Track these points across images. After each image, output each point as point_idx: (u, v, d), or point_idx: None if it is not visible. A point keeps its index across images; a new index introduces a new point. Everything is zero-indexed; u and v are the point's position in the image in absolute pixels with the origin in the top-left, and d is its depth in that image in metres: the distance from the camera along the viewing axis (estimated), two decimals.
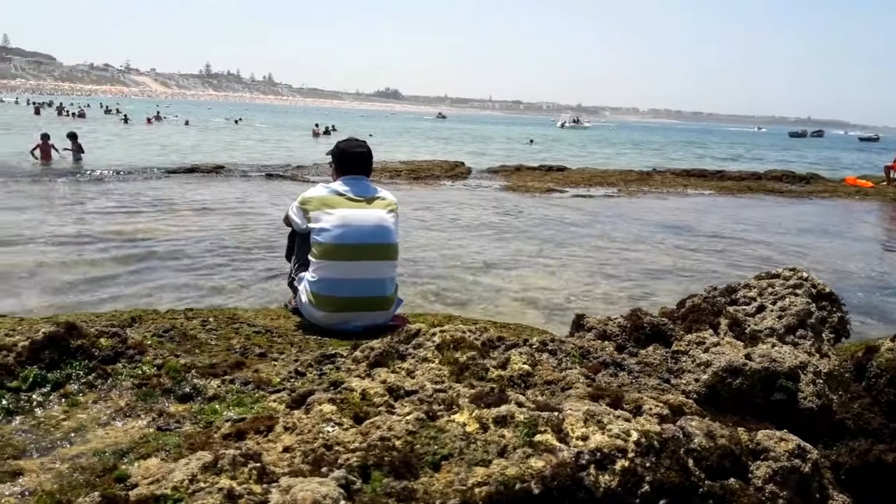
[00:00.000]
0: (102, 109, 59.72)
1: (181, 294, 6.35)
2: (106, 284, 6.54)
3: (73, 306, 5.67)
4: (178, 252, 8.05)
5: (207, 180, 16.20)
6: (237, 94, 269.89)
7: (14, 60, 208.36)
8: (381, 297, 4.23)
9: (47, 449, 1.86)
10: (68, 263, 7.23)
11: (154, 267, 7.35)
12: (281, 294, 6.27)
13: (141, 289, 6.48)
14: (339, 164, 4.49)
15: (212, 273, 7.19)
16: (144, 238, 8.75)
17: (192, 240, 8.81)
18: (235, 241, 8.84)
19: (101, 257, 7.62)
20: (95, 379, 2.20)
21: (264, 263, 7.67)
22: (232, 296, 6.38)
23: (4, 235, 8.43)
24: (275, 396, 2.10)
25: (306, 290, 4.23)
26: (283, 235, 9.19)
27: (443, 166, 20.71)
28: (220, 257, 7.93)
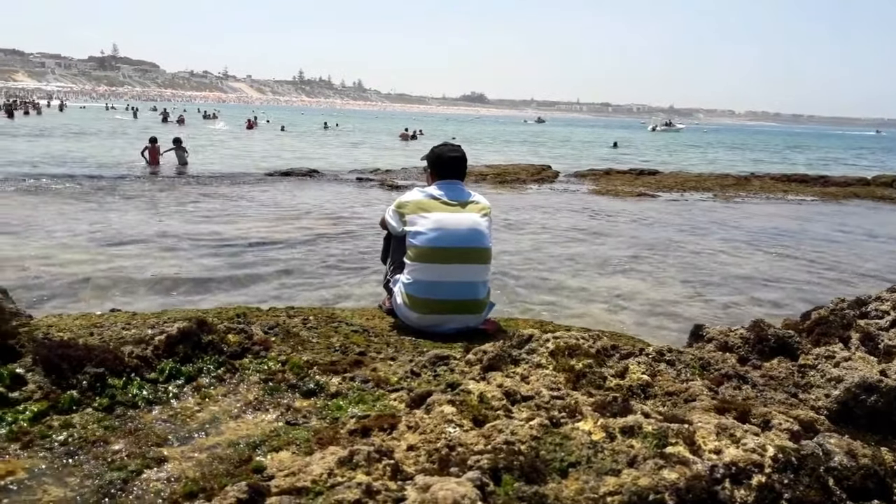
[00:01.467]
0: (201, 115, 62.56)
1: (280, 292, 6.56)
2: (208, 283, 6.84)
3: (178, 303, 5.97)
4: (275, 252, 8.34)
5: (302, 184, 16.70)
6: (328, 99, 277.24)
7: (122, 69, 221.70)
8: (474, 300, 4.23)
9: (186, 438, 1.96)
10: (173, 262, 7.61)
11: (253, 266, 7.64)
12: (374, 295, 6.39)
13: (241, 287, 6.74)
14: (434, 169, 4.53)
15: (307, 272, 7.40)
16: (243, 238, 9.12)
17: (288, 240, 9.10)
18: (329, 242, 9.08)
19: (203, 256, 7.97)
20: (224, 373, 2.31)
21: (357, 264, 7.85)
22: (327, 295, 6.54)
23: (114, 235, 8.97)
24: (395, 395, 2.14)
25: (401, 291, 4.28)
26: (375, 237, 9.47)
27: (529, 170, 20.57)
28: (315, 257, 8.16)
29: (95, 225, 9.73)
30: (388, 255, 4.70)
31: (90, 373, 2.08)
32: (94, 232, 9.17)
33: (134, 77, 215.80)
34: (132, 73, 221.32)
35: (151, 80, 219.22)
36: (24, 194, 12.58)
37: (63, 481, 1.71)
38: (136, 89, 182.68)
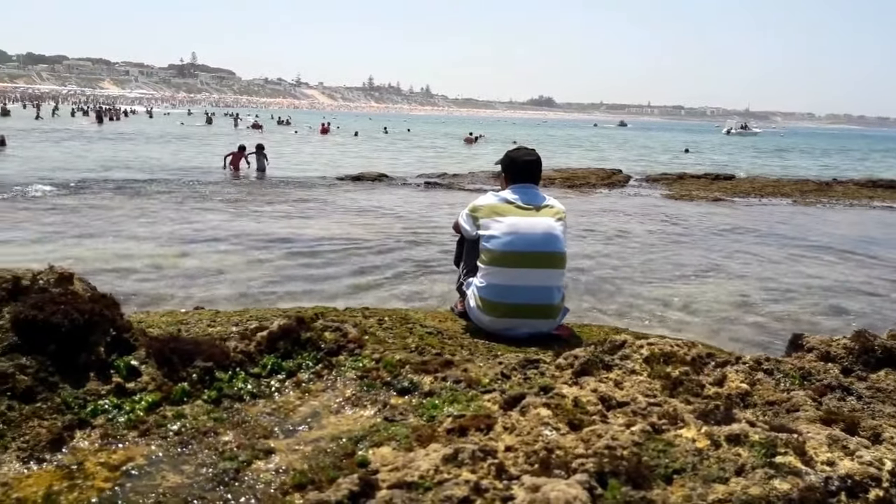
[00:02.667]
0: (275, 121, 64.25)
1: (351, 293, 6.69)
2: (283, 281, 7.04)
3: (254, 301, 6.17)
4: (346, 253, 8.52)
5: (372, 188, 16.98)
6: (396, 105, 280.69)
7: (200, 76, 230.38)
8: (548, 305, 4.20)
9: (290, 431, 2.04)
10: (251, 262, 7.87)
11: (325, 266, 7.82)
12: (442, 297, 6.45)
13: (314, 286, 6.90)
14: (508, 173, 4.53)
15: (378, 274, 7.52)
16: (317, 239, 9.35)
17: (359, 242, 9.28)
18: (398, 245, 9.20)
19: (278, 256, 8.21)
20: (322, 369, 2.39)
21: (426, 266, 7.93)
22: (398, 297, 6.63)
23: (197, 236, 9.34)
24: (488, 397, 2.16)
25: (474, 294, 4.29)
26: (443, 240, 9.55)
27: (598, 174, 20.29)
28: (385, 259, 8.29)
29: (176, 225, 10.18)
30: (462, 258, 4.73)
31: (199, 366, 2.19)
32: (175, 232, 9.59)
33: (211, 84, 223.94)
34: (210, 80, 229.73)
35: (228, 87, 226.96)
36: (111, 196, 13.23)
37: (179, 469, 1.81)
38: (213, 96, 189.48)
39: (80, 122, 52.10)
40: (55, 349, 2.02)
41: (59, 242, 8.66)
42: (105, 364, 2.10)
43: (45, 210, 11.12)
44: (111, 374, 2.09)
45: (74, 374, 2.03)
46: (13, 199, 12.19)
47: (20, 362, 1.94)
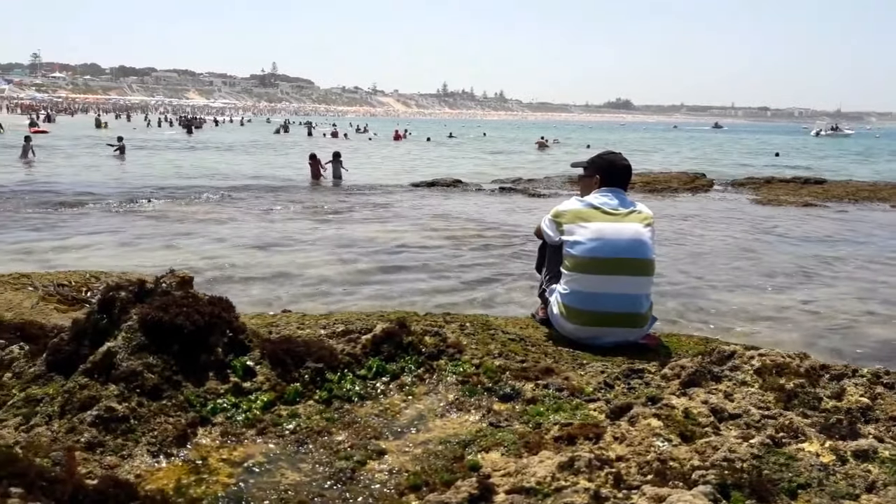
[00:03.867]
0: (354, 128, 65.57)
1: (429, 297, 6.73)
2: (363, 286, 7.16)
3: (334, 304, 6.30)
4: (423, 258, 8.60)
5: (447, 193, 17.08)
6: (470, 111, 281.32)
7: (280, 86, 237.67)
8: (636, 313, 4.09)
9: (398, 433, 2.08)
10: (330, 266, 8.05)
11: (405, 271, 7.91)
12: (520, 303, 6.41)
13: (394, 290, 6.99)
14: (603, 176, 4.45)
15: (455, 279, 7.55)
16: (395, 245, 9.48)
17: (436, 247, 9.36)
18: (474, 250, 9.21)
19: (357, 261, 8.37)
20: (424, 373, 2.43)
21: (503, 272, 7.90)
22: (476, 302, 6.64)
23: (280, 240, 9.65)
24: (593, 406, 2.15)
25: (557, 301, 4.22)
26: (520, 245, 9.51)
27: (681, 178, 19.74)
28: (462, 264, 8.31)
29: (260, 230, 10.54)
30: (544, 264, 4.68)
31: (311, 367, 2.27)
32: (259, 237, 9.94)
33: (291, 93, 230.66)
34: (289, 89, 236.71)
35: (307, 96, 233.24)
36: (200, 202, 13.85)
37: (297, 467, 1.88)
38: (292, 105, 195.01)
39: (170, 132, 54.52)
40: (178, 349, 2.13)
41: (151, 246, 9.13)
42: (223, 364, 2.20)
43: (144, 216, 11.73)
44: (228, 374, 2.19)
45: (195, 374, 2.14)
46: (120, 206, 12.90)
47: (148, 361, 2.05)
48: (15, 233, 10.01)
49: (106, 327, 2.19)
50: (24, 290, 5.40)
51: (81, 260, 8.07)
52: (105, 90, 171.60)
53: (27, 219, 11.22)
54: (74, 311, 5.00)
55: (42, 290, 5.40)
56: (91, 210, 12.40)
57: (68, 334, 2.25)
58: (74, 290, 5.53)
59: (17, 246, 9.02)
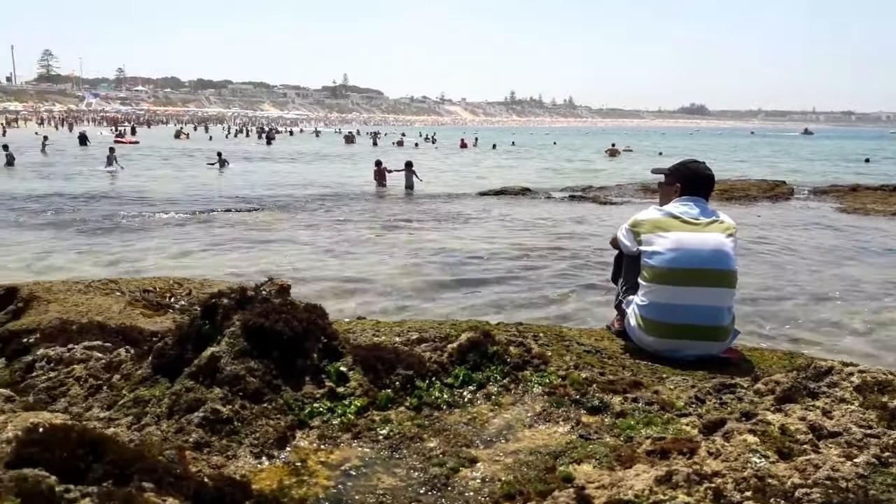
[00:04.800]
0: (422, 137, 66.19)
1: (500, 307, 6.74)
2: (434, 294, 7.24)
3: (405, 311, 6.38)
4: (493, 267, 8.62)
5: (516, 201, 17.06)
6: (538, 118, 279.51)
7: (351, 96, 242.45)
8: (717, 326, 3.98)
9: (488, 442, 2.11)
10: (402, 274, 8.18)
11: (475, 280, 7.94)
12: (595, 314, 6.34)
13: (463, 298, 7.03)
14: (685, 184, 4.36)
15: (526, 288, 7.53)
16: (465, 253, 9.53)
17: (506, 255, 9.36)
18: (545, 259, 9.17)
19: (427, 269, 8.46)
20: (510, 383, 2.46)
21: (574, 282, 7.83)
22: (547, 312, 6.60)
23: (351, 248, 9.88)
24: (685, 420, 2.13)
25: (635, 313, 4.14)
26: (592, 254, 9.41)
27: (760, 186, 19.10)
28: (534, 274, 8.29)
29: (332, 238, 10.81)
30: (620, 274, 4.62)
31: (401, 374, 2.33)
32: (331, 244, 10.19)
33: (361, 104, 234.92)
34: (360, 100, 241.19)
35: (376, 106, 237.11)
36: (275, 211, 14.29)
37: (392, 471, 1.93)
38: (362, 115, 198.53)
39: (251, 143, 56.28)
40: (278, 354, 2.23)
41: (228, 254, 9.51)
42: (318, 369, 2.28)
43: (223, 224, 12.20)
44: (323, 379, 2.27)
45: (293, 378, 2.23)
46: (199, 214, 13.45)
47: (250, 365, 2.15)
48: (101, 239, 10.58)
49: (209, 333, 2.31)
50: (112, 296, 5.70)
51: (163, 266, 8.46)
52: (184, 102, 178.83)
53: (113, 226, 11.82)
54: (159, 316, 5.24)
55: (129, 296, 5.68)
56: (173, 218, 12.98)
57: (172, 339, 2.38)
58: (159, 296, 5.80)
59: (103, 252, 9.54)
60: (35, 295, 5.54)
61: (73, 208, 14.19)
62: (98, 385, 2.39)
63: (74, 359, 2.61)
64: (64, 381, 2.47)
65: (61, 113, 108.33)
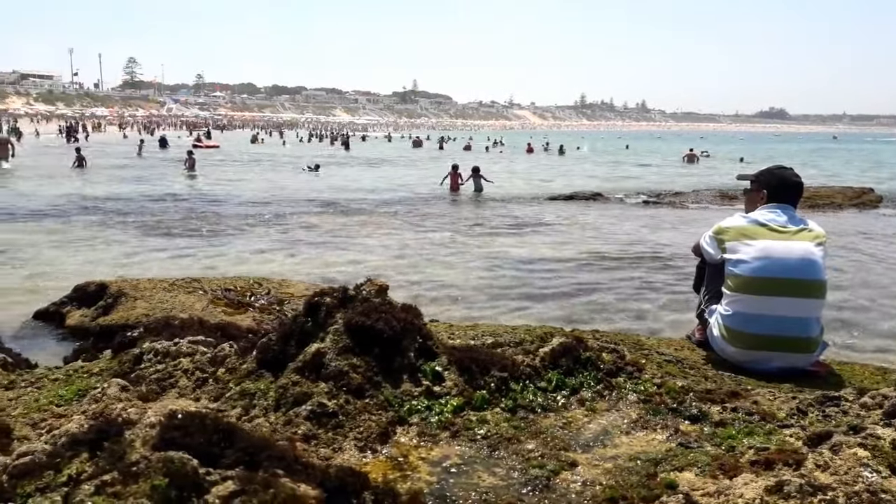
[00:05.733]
0: (491, 142, 66.22)
1: (575, 313, 6.67)
2: (504, 298, 7.22)
3: (482, 316, 6.39)
4: (565, 272, 8.55)
5: (587, 206, 16.87)
6: (609, 122, 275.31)
7: (420, 102, 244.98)
8: (805, 337, 3.85)
9: (585, 447, 2.13)
10: (471, 277, 8.21)
11: (547, 285, 7.89)
12: (672, 323, 6.22)
13: (536, 304, 6.98)
14: (772, 191, 4.24)
15: (603, 295, 7.42)
16: (534, 257, 9.50)
17: (578, 261, 9.27)
18: (619, 266, 9.02)
19: (499, 274, 8.47)
20: (603, 389, 2.46)
21: (649, 289, 7.69)
22: (624, 320, 6.50)
23: (422, 251, 9.99)
24: (789, 432, 2.09)
25: (718, 323, 4.06)
26: (668, 261, 9.21)
27: (845, 193, 18.30)
28: (608, 280, 8.17)
29: (405, 240, 10.97)
30: (703, 283, 4.53)
31: (496, 376, 2.37)
32: (403, 247, 10.35)
33: (430, 109, 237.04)
34: (428, 105, 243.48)
35: (444, 111, 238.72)
36: (351, 214, 14.59)
37: (492, 471, 1.97)
38: (431, 120, 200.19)
39: (326, 147, 57.53)
40: (378, 352, 2.30)
41: (305, 255, 9.78)
42: (415, 368, 2.35)
43: (300, 227, 12.55)
44: (420, 378, 2.33)
45: (392, 376, 2.30)
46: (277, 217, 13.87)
47: (353, 362, 2.23)
48: (183, 239, 11.03)
49: (311, 330, 2.40)
50: (195, 294, 5.95)
51: (242, 266, 8.76)
52: (260, 108, 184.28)
53: (194, 227, 12.31)
54: (240, 314, 5.45)
55: (210, 294, 5.92)
56: (252, 219, 13.42)
57: (276, 335, 2.48)
58: (239, 295, 6.02)
59: (184, 252, 9.94)
60: (123, 291, 5.86)
61: (155, 209, 14.84)
62: (204, 378, 2.53)
63: (181, 352, 2.76)
64: (172, 373, 2.62)
65: (144, 118, 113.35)
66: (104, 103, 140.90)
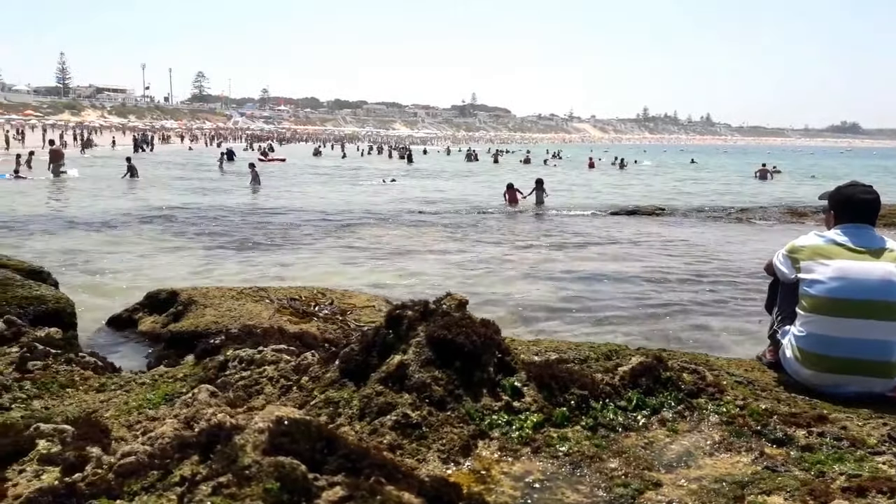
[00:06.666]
0: (549, 155, 65.93)
1: (637, 330, 6.56)
2: (566, 314, 7.16)
3: (547, 332, 6.35)
4: (628, 289, 8.41)
5: (650, 221, 16.61)
6: (672, 135, 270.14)
7: (478, 115, 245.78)
8: (884, 361, 3.70)
9: (669, 467, 2.12)
10: (528, 290, 8.17)
11: (608, 300, 7.79)
12: (740, 343, 6.06)
13: (598, 320, 6.90)
14: (840, 212, 4.11)
15: (668, 313, 7.29)
16: (596, 272, 9.40)
17: (641, 277, 9.12)
18: (684, 284, 8.83)
19: (560, 288, 8.41)
20: (684, 410, 2.44)
21: (717, 306, 7.52)
22: (690, 338, 6.37)
23: (481, 265, 10.01)
24: (881, 459, 2.04)
25: (791, 344, 3.94)
26: (735, 278, 8.97)
27: None
28: (674, 297, 8.01)
29: (464, 254, 11.02)
30: (775, 303, 4.42)
31: (576, 394, 2.38)
32: (462, 260, 10.41)
33: (488, 122, 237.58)
34: (487, 118, 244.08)
35: (503, 124, 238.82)
36: (410, 226, 14.75)
37: (576, 488, 1.98)
38: (489, 133, 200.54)
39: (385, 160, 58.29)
40: (459, 366, 2.34)
41: (364, 266, 9.97)
42: (494, 383, 2.38)
43: (360, 238, 12.78)
44: (499, 393, 2.36)
45: (472, 390, 2.34)
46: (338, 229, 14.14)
47: (435, 375, 2.28)
48: (250, 250, 11.34)
49: (392, 342, 2.46)
50: (262, 302, 6.11)
51: (306, 276, 8.96)
52: (322, 121, 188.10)
53: (259, 238, 12.64)
54: (304, 323, 5.57)
55: (276, 303, 6.07)
56: (315, 230, 13.71)
57: (358, 346, 2.55)
58: (304, 305, 6.16)
59: (252, 261, 10.23)
60: (193, 299, 6.07)
61: (221, 220, 15.30)
62: (289, 385, 2.62)
63: (265, 360, 2.87)
64: (258, 380, 2.72)
65: (210, 130, 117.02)
66: (173, 116, 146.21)
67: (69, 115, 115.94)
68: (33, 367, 3.52)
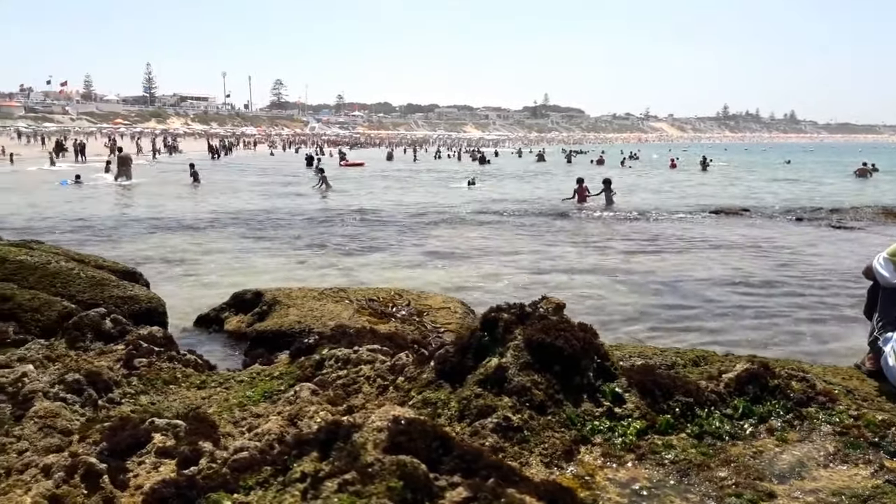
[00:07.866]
0: (625, 155, 64.62)
1: (721, 336, 6.35)
2: (646, 318, 6.99)
3: (628, 337, 6.21)
4: (710, 292, 8.14)
5: (734, 222, 16.08)
6: (754, 133, 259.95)
7: (551, 116, 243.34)
8: None
9: (781, 478, 2.05)
10: (612, 295, 8.01)
11: (688, 304, 7.57)
12: (832, 351, 5.80)
13: (683, 326, 6.70)
14: None
15: (751, 317, 7.03)
16: (675, 275, 9.15)
17: (724, 281, 8.81)
18: (772, 286, 8.50)
19: (633, 291, 8.23)
20: (793, 419, 2.36)
21: (809, 311, 7.20)
22: (778, 344, 6.14)
23: (555, 267, 9.91)
24: None
25: (894, 352, 3.76)
26: (826, 281, 8.56)
27: None
28: (758, 301, 7.71)
29: (536, 255, 10.96)
30: (875, 308, 4.21)
31: (681, 401, 2.33)
32: (535, 261, 10.36)
33: (561, 123, 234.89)
34: (559, 119, 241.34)
35: (576, 125, 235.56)
36: (482, 227, 14.81)
37: (685, 496, 1.94)
38: (562, 134, 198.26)
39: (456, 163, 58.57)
40: (559, 370, 2.33)
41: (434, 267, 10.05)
42: (594, 388, 2.36)
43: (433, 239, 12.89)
44: (599, 398, 2.34)
45: (572, 394, 2.32)
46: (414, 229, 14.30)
47: (534, 378, 2.28)
48: (330, 251, 11.61)
49: (487, 344, 2.47)
50: (342, 303, 6.24)
51: (381, 278, 9.09)
52: (395, 126, 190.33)
53: (338, 240, 12.91)
54: (383, 323, 5.65)
55: (356, 304, 6.18)
56: (391, 233, 13.90)
57: (453, 348, 2.57)
58: (382, 305, 6.25)
59: (332, 262, 10.47)
60: (277, 299, 6.25)
61: (299, 223, 15.70)
62: (385, 385, 2.66)
63: (361, 360, 2.93)
64: (356, 379, 2.78)
65: (289, 136, 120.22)
66: (253, 123, 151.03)
67: (155, 122, 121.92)
68: (139, 364, 3.70)
